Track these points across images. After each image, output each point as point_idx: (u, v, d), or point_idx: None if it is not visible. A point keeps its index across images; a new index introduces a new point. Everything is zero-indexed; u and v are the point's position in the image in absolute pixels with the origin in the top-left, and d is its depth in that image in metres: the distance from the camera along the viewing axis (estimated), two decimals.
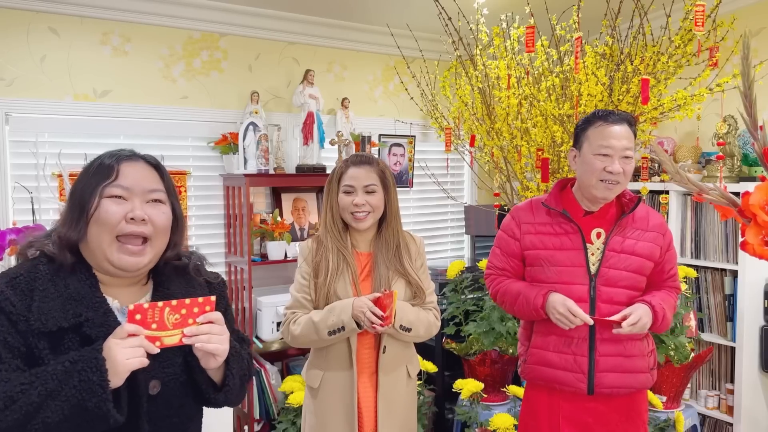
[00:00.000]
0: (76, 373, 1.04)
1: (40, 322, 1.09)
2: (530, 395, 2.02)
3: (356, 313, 1.81)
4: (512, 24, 3.11)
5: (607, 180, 1.82)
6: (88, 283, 1.17)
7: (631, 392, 1.89)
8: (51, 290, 1.13)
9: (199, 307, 1.15)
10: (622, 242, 1.87)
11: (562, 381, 1.88)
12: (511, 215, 2.04)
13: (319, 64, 3.63)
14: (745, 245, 1.11)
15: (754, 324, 2.96)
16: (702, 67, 2.68)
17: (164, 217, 1.22)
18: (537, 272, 1.94)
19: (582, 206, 1.92)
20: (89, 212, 1.15)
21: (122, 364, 1.06)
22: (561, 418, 1.91)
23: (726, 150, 2.98)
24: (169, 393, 1.21)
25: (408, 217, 4.11)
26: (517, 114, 3.05)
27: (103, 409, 1.05)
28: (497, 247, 2.06)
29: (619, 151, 1.82)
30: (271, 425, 3.19)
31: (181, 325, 1.13)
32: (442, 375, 3.39)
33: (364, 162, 1.96)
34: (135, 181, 1.19)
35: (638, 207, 1.90)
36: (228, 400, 1.28)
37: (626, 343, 1.85)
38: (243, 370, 1.31)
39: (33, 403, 1.02)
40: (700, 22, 2.33)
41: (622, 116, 1.87)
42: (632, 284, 1.87)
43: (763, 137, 1.12)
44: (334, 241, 1.96)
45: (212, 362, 1.18)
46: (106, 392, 1.04)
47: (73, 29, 2.96)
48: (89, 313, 1.14)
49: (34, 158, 2.89)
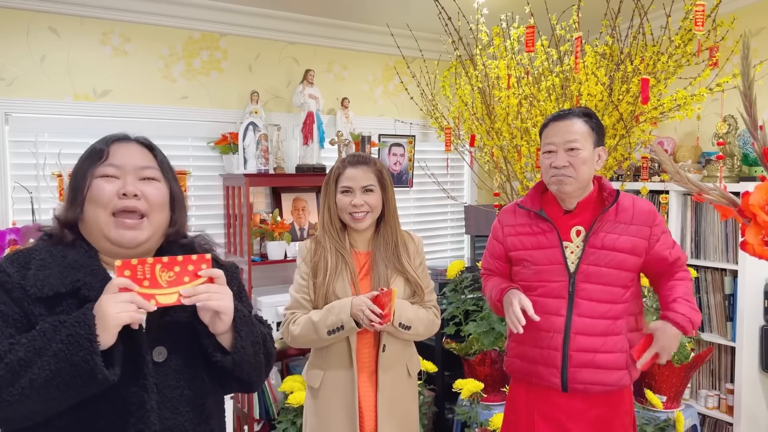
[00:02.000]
0: (63, 329, 1.02)
1: (36, 287, 1.09)
2: (511, 390, 2.06)
3: (355, 312, 1.81)
4: (512, 24, 3.11)
5: (555, 175, 1.83)
6: (88, 255, 1.16)
7: (609, 390, 1.86)
8: (48, 260, 1.13)
9: (194, 265, 1.12)
10: (603, 238, 1.85)
11: (537, 375, 1.89)
12: (497, 218, 2.08)
13: (319, 64, 3.63)
14: (745, 245, 1.11)
15: (754, 324, 2.96)
16: (702, 67, 2.68)
17: (158, 193, 1.21)
18: (519, 272, 1.97)
19: (560, 205, 1.93)
20: (83, 193, 1.17)
21: (112, 317, 1.03)
22: (536, 413, 1.92)
23: (726, 150, 2.98)
24: (178, 361, 1.17)
25: (408, 217, 4.11)
26: (517, 114, 3.05)
27: (90, 363, 1.01)
28: (486, 250, 2.11)
29: (561, 145, 1.83)
30: (271, 425, 3.19)
31: (176, 284, 1.10)
32: (442, 375, 3.39)
33: (361, 162, 1.97)
34: (126, 159, 1.20)
35: (621, 199, 1.88)
36: (240, 369, 1.20)
37: (601, 338, 1.83)
38: (255, 336, 1.24)
39: (20, 360, 1.00)
40: (700, 22, 2.33)
41: (574, 111, 1.87)
42: (614, 280, 1.85)
43: (763, 137, 1.12)
44: (332, 241, 1.97)
45: (219, 324, 1.14)
46: (93, 345, 1.01)
47: (73, 29, 2.96)
48: (87, 278, 1.13)
49: (34, 158, 2.89)
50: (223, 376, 1.23)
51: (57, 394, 1.03)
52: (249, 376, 1.25)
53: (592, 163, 1.85)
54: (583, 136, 1.83)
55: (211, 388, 1.24)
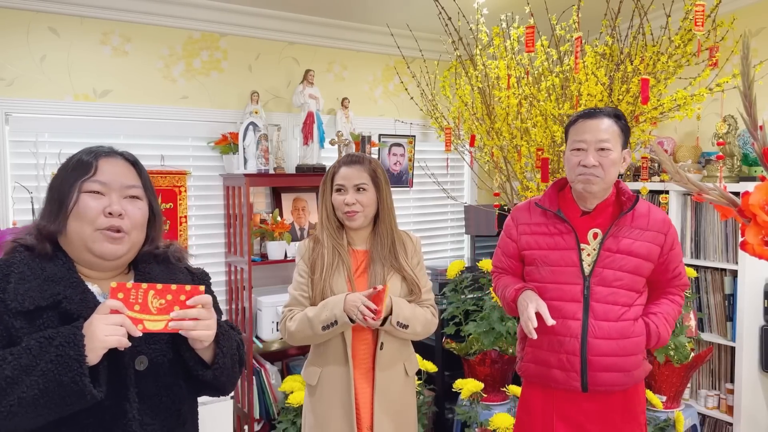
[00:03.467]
0: (53, 348, 1.04)
1: (17, 301, 1.10)
2: (526, 393, 2.04)
3: (349, 307, 1.83)
4: (512, 24, 3.11)
5: (583, 174, 1.81)
6: (66, 267, 1.18)
7: (626, 389, 1.88)
8: (27, 273, 1.14)
9: (186, 295, 1.15)
10: (618, 242, 1.85)
11: (556, 380, 1.88)
12: (511, 216, 2.06)
13: (319, 64, 3.63)
14: (745, 245, 1.11)
15: (754, 324, 2.96)
16: (702, 67, 2.68)
17: (140, 213, 1.25)
18: (532, 272, 1.95)
19: (578, 206, 1.91)
20: (68, 207, 1.18)
21: (100, 339, 1.06)
22: (555, 416, 1.91)
23: (726, 150, 2.98)
24: (158, 370, 1.21)
25: (408, 217, 4.11)
26: (517, 114, 3.05)
27: (79, 384, 1.04)
28: (498, 247, 2.09)
29: (593, 144, 1.81)
30: (271, 425, 3.19)
31: (165, 311, 1.13)
32: (442, 375, 3.39)
33: (355, 161, 2.01)
34: (112, 176, 1.22)
35: (638, 205, 1.88)
36: (218, 381, 1.27)
37: (620, 341, 1.84)
38: (233, 350, 1.31)
39: (6, 378, 1.01)
40: (700, 22, 2.33)
41: (605, 111, 1.86)
42: (629, 284, 1.85)
43: (763, 137, 1.12)
44: (330, 238, 2.00)
45: (198, 344, 1.20)
46: (82, 367, 1.04)
47: (73, 29, 2.96)
48: (67, 291, 1.15)
49: (34, 158, 2.89)
50: (200, 384, 1.28)
51: (45, 411, 1.05)
52: (224, 386, 1.32)
53: (619, 165, 1.84)
54: (613, 136, 1.82)
55: (186, 393, 1.29)
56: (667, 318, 1.87)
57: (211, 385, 1.27)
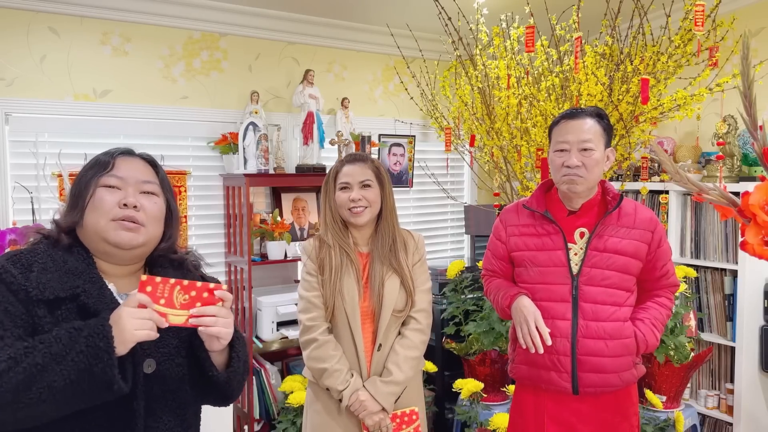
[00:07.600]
0: (82, 339, 1.06)
1: (38, 290, 1.12)
2: (518, 394, 2.04)
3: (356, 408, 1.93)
4: (512, 24, 3.11)
5: (567, 174, 1.82)
6: (86, 262, 1.21)
7: (617, 390, 1.87)
8: (49, 264, 1.16)
9: (209, 293, 1.17)
10: (605, 241, 1.85)
11: (547, 380, 1.88)
12: (499, 218, 2.06)
13: (319, 64, 3.63)
14: (745, 245, 1.11)
15: (754, 324, 2.96)
16: (702, 67, 2.69)
17: (156, 207, 1.27)
18: (521, 273, 1.96)
19: (565, 206, 1.92)
20: (86, 200, 1.22)
21: (130, 333, 1.08)
22: (546, 417, 1.91)
23: (726, 150, 2.98)
24: (165, 373, 1.22)
25: (408, 217, 4.11)
26: (517, 114, 3.05)
27: (108, 375, 1.06)
28: (488, 250, 2.09)
29: (575, 144, 1.81)
30: (271, 425, 3.19)
31: (188, 307, 1.15)
32: (442, 375, 3.39)
33: (358, 159, 2.02)
34: (129, 172, 1.26)
35: (624, 203, 1.89)
36: (230, 385, 1.28)
37: (609, 341, 1.83)
38: (245, 355, 1.32)
39: (37, 365, 1.03)
40: (699, 22, 2.33)
41: (587, 111, 1.86)
42: (617, 283, 1.85)
43: (763, 137, 1.12)
44: (336, 238, 1.99)
45: (216, 344, 1.21)
46: (112, 358, 1.06)
47: (73, 29, 2.96)
48: (86, 285, 1.17)
49: (34, 158, 2.89)
50: (207, 388, 1.29)
51: (72, 400, 1.07)
52: (233, 392, 1.33)
53: (602, 164, 1.85)
54: (596, 136, 1.83)
55: (192, 399, 1.30)
56: (654, 323, 1.87)
57: (221, 389, 1.28)
